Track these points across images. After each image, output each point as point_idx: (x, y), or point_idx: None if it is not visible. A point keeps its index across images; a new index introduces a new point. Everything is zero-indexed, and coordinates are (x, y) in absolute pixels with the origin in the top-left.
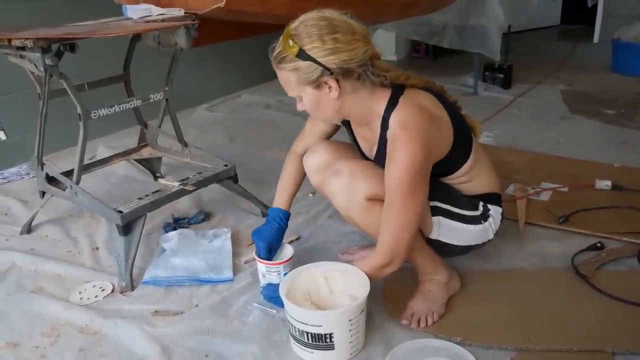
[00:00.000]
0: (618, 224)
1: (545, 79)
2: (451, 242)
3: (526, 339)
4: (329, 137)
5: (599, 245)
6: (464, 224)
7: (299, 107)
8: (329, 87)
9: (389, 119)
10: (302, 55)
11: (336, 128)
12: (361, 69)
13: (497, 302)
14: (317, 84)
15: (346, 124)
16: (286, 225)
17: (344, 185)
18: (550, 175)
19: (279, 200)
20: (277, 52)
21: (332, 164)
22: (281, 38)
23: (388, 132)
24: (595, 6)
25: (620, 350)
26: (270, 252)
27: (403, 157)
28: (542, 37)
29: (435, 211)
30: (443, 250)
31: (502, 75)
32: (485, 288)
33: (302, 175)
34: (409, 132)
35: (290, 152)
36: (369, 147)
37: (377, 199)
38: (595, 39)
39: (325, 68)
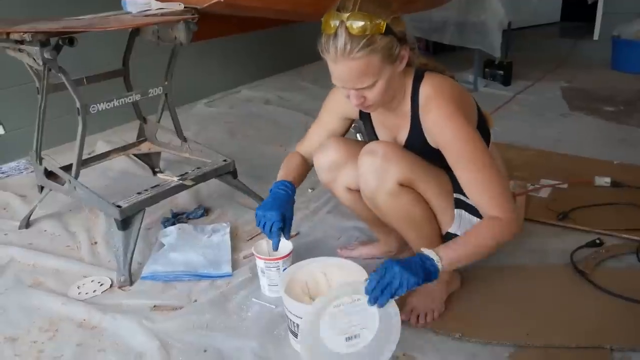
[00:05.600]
0: (617, 220)
1: (545, 76)
2: None
3: (525, 335)
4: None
5: (598, 241)
6: (478, 218)
7: (356, 102)
8: (401, 60)
9: (418, 91)
10: (389, 30)
11: (343, 135)
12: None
13: (495, 298)
14: (394, 59)
15: (364, 116)
16: (294, 197)
17: (377, 166)
18: (550, 171)
19: (283, 176)
20: (355, 38)
21: (346, 162)
22: (349, 21)
23: (420, 102)
24: (595, 3)
25: (618, 346)
26: (285, 222)
27: (447, 118)
28: (542, 34)
29: (459, 204)
30: None
31: (502, 72)
32: (484, 284)
33: (305, 170)
34: (443, 93)
35: (291, 153)
36: (393, 136)
37: (407, 186)
38: (595, 36)
39: (402, 39)
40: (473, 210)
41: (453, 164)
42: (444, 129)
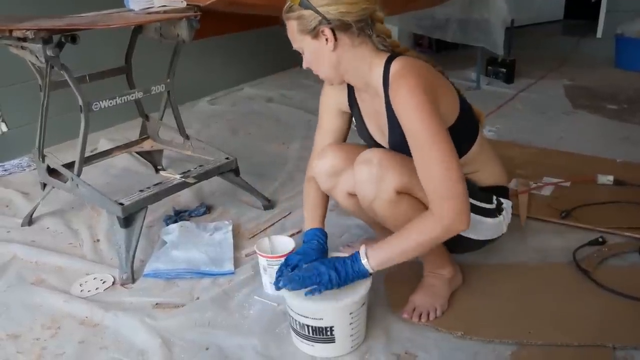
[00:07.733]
0: (620, 219)
1: (548, 74)
2: (471, 237)
3: (527, 333)
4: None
5: (600, 240)
6: (483, 217)
7: (305, 64)
8: (326, 38)
9: (389, 72)
10: (303, 3)
11: (345, 133)
12: (359, 25)
13: (498, 296)
14: (315, 34)
15: (354, 106)
16: (326, 245)
17: (373, 175)
18: (553, 169)
19: (310, 222)
20: (290, 3)
21: (344, 167)
22: None
23: (390, 81)
24: (598, 1)
25: (620, 345)
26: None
27: (406, 88)
28: (545, 31)
29: None
30: (459, 245)
31: (505, 70)
32: (486, 282)
33: (325, 200)
34: (411, 68)
35: (307, 179)
36: (379, 125)
37: (406, 193)
38: (599, 34)
39: (323, 17)
40: (475, 209)
41: (409, 144)
42: (400, 102)
